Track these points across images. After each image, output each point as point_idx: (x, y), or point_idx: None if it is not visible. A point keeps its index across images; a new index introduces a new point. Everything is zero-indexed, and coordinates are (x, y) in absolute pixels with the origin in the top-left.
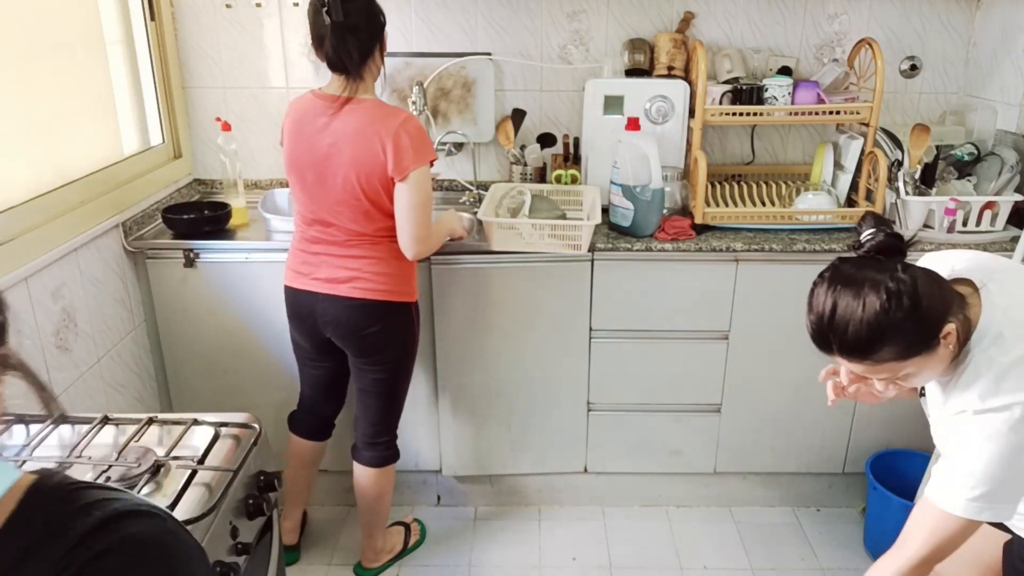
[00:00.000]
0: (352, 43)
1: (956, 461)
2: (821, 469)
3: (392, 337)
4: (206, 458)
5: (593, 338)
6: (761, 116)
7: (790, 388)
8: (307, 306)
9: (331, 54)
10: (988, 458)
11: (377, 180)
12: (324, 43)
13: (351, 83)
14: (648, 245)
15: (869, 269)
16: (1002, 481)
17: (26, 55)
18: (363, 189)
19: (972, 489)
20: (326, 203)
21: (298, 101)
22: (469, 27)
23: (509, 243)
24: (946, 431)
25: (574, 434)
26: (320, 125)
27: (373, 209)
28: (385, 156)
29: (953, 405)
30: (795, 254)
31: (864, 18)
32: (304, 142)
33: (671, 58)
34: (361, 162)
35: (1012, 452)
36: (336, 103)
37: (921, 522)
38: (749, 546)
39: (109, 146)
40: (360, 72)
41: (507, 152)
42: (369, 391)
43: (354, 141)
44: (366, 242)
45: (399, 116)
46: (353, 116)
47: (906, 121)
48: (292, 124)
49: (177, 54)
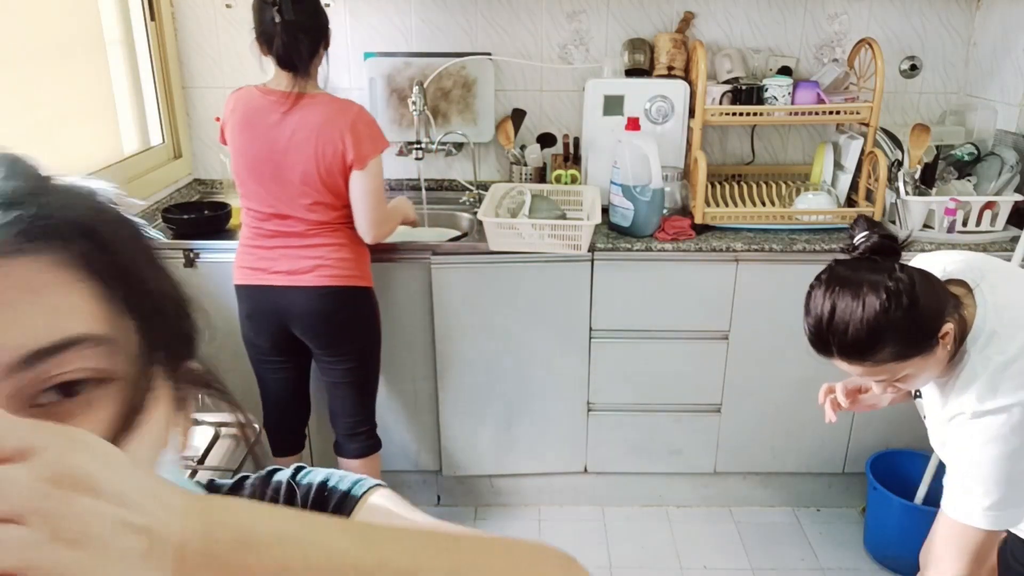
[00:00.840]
0: (303, 42)
1: (963, 470)
2: (821, 469)
3: (360, 322)
4: (206, 458)
5: (593, 338)
6: (761, 116)
7: (790, 388)
8: (268, 302)
9: (281, 52)
10: (992, 463)
11: (337, 170)
12: (273, 41)
13: (299, 80)
14: (648, 245)
15: (865, 270)
16: (1009, 484)
17: (26, 55)
18: (323, 180)
19: (984, 497)
20: (284, 196)
21: (242, 96)
22: (469, 27)
23: (509, 243)
24: (944, 434)
25: (574, 434)
26: (274, 120)
27: (332, 197)
28: (344, 146)
29: (952, 407)
30: (795, 254)
31: (864, 18)
32: (260, 138)
33: (671, 58)
34: (323, 154)
35: (1014, 455)
36: (288, 99)
37: (948, 540)
38: (749, 546)
39: (109, 146)
40: (308, 69)
41: (507, 152)
42: (341, 383)
43: (316, 134)
44: (326, 230)
45: (353, 108)
46: (311, 111)
47: (906, 121)
48: (242, 119)
49: (177, 54)
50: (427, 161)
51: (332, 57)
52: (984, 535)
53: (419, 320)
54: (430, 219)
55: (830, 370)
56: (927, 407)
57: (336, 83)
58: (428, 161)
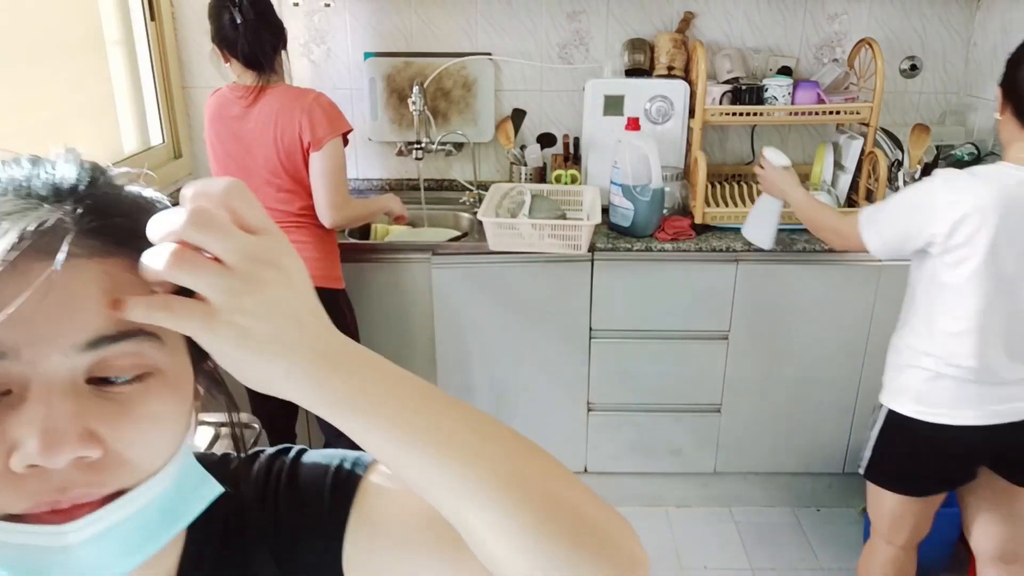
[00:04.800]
0: (266, 40)
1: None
2: (821, 469)
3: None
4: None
5: (593, 338)
6: (761, 116)
7: (790, 388)
8: None
9: (247, 51)
10: (896, 196)
11: (298, 155)
12: (237, 44)
13: (265, 77)
14: (648, 245)
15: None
16: (888, 207)
17: (26, 55)
18: (284, 166)
19: (875, 209)
20: (252, 188)
21: (214, 96)
22: (469, 27)
23: (509, 243)
24: None
25: (574, 434)
26: (237, 113)
27: (293, 183)
28: (301, 128)
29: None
30: (795, 254)
31: (864, 18)
32: (225, 131)
33: (671, 58)
34: (281, 140)
35: (904, 195)
36: (251, 92)
37: (852, 223)
38: (749, 546)
39: (109, 146)
40: (273, 65)
41: (507, 152)
42: None
43: (274, 120)
44: (289, 225)
45: (311, 94)
46: (270, 100)
47: (906, 121)
48: (211, 117)
49: (177, 54)
50: (427, 161)
51: (332, 57)
52: (856, 231)
53: (419, 320)
54: (430, 219)
55: (830, 370)
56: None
57: (336, 83)
58: (428, 161)
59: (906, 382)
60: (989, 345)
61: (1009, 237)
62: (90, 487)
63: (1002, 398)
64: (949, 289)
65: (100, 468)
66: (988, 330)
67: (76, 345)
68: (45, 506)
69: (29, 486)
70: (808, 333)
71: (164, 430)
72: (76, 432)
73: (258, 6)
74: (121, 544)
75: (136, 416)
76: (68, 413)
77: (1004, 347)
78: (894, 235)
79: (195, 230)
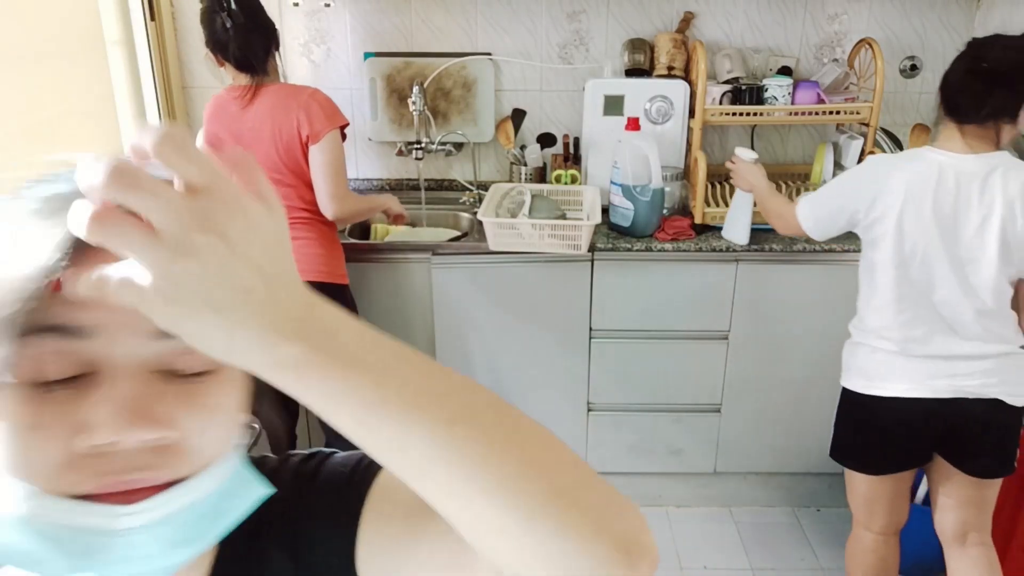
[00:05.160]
0: (256, 43)
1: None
2: (821, 469)
3: None
4: None
5: (593, 338)
6: (761, 116)
7: (790, 388)
8: None
9: (238, 55)
10: (835, 179)
11: (297, 150)
12: (228, 48)
13: (258, 78)
14: (648, 245)
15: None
16: (827, 192)
17: (27, 55)
18: (284, 162)
19: (815, 193)
20: None
21: (213, 99)
22: (469, 27)
23: (509, 243)
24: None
25: (574, 434)
26: (234, 114)
27: (295, 180)
28: (299, 123)
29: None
30: (795, 254)
31: (864, 18)
32: (224, 131)
33: (671, 58)
34: (280, 136)
35: (841, 178)
36: (247, 92)
37: (790, 210)
38: (749, 546)
39: (109, 146)
40: (265, 68)
41: (507, 152)
42: None
43: (272, 117)
44: (293, 221)
45: (307, 90)
46: (266, 98)
47: (906, 121)
48: (209, 119)
49: (177, 54)
50: (427, 161)
51: (332, 57)
52: (794, 215)
53: (419, 320)
54: (430, 219)
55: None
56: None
57: (336, 83)
58: (428, 161)
59: (851, 360)
60: (911, 318)
61: (916, 213)
62: (152, 471)
63: (937, 373)
64: (873, 267)
65: (165, 452)
66: (905, 303)
67: (152, 332)
68: (112, 486)
69: (96, 466)
70: (808, 333)
71: (228, 422)
72: (154, 413)
73: (247, 9)
74: (172, 535)
75: (206, 405)
76: (146, 394)
77: (944, 322)
78: (825, 213)
79: (114, 189)
